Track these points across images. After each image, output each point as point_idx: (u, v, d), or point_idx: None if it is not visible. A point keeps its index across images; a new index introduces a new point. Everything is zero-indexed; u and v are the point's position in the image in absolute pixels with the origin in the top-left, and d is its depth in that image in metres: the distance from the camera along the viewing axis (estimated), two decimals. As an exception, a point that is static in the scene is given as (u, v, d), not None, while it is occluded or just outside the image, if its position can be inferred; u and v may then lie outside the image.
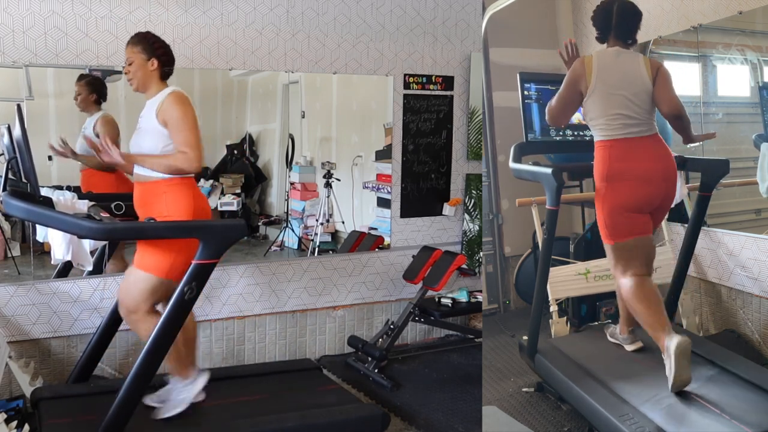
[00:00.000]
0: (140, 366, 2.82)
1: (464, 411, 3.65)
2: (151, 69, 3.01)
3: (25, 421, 3.15)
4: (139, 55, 3.00)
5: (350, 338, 4.42)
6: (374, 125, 4.76)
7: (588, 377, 3.03)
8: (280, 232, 4.65)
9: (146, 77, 3.02)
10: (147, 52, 3.00)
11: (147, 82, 3.02)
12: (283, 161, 4.66)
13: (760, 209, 3.80)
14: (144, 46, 3.01)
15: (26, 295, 3.64)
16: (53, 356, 3.75)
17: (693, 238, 3.43)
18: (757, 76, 3.80)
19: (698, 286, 4.05)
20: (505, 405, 3.41)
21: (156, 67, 3.01)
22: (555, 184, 3.11)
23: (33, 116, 3.60)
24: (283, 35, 4.16)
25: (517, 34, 4.89)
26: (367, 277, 4.62)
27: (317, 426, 3.11)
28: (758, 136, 3.69)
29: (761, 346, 3.63)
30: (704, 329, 3.97)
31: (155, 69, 3.01)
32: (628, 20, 3.01)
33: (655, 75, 2.99)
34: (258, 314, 4.27)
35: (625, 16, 3.00)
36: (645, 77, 2.97)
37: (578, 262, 3.96)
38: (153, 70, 3.01)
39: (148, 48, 3.01)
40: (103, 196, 3.55)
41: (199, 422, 3.09)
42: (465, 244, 4.92)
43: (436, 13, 4.61)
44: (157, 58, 3.01)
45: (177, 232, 2.88)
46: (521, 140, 3.63)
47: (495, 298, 4.92)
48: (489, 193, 4.87)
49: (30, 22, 3.54)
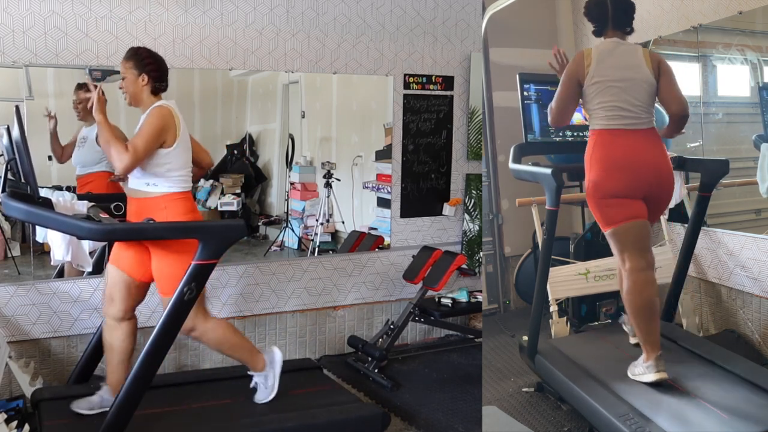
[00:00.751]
0: (140, 366, 2.82)
1: (464, 411, 3.65)
2: (141, 84, 3.00)
3: (25, 421, 3.16)
4: (130, 71, 3.00)
5: (350, 338, 4.42)
6: (374, 125, 4.76)
7: (588, 378, 3.03)
8: (280, 232, 4.65)
9: (138, 93, 3.02)
10: (138, 68, 3.00)
11: (138, 97, 3.02)
12: (283, 161, 4.66)
13: (760, 209, 3.80)
14: (135, 62, 3.00)
15: (26, 295, 3.65)
16: (53, 356, 3.75)
17: (693, 238, 3.43)
18: (757, 76, 3.80)
19: (698, 286, 4.05)
20: (505, 405, 3.41)
21: (146, 83, 3.00)
22: (555, 184, 3.11)
23: (33, 116, 3.60)
24: (283, 35, 4.16)
25: (517, 34, 4.89)
26: (367, 277, 4.62)
27: (318, 425, 3.12)
28: (758, 136, 3.68)
29: (761, 346, 3.63)
30: (704, 329, 3.97)
31: (146, 84, 3.01)
32: (623, 8, 2.98)
33: (657, 70, 2.96)
34: (258, 314, 4.27)
35: (619, 4, 2.98)
36: (645, 68, 2.94)
37: (578, 262, 3.96)
38: (144, 86, 3.01)
39: (138, 64, 3.00)
40: (102, 197, 3.55)
41: (200, 422, 3.10)
42: (465, 244, 4.92)
43: (436, 13, 4.61)
44: (147, 74, 3.00)
45: (176, 233, 2.88)
46: (521, 140, 3.62)
47: (495, 298, 4.92)
48: (489, 193, 4.87)
49: (30, 22, 3.54)
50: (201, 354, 4.08)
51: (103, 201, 3.46)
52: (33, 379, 3.47)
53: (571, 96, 3.02)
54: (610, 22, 2.98)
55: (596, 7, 3.01)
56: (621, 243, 2.95)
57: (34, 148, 3.43)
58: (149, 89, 3.02)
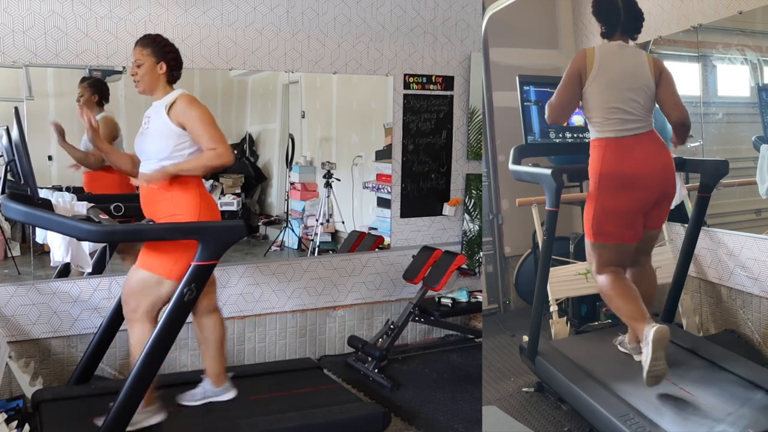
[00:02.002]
0: (140, 367, 2.82)
1: (464, 411, 3.66)
2: (159, 73, 2.96)
3: (25, 421, 3.16)
4: (148, 58, 2.95)
5: (350, 338, 4.42)
6: (374, 125, 4.76)
7: (589, 379, 3.03)
8: (280, 232, 4.65)
9: (154, 81, 2.97)
10: (157, 56, 2.95)
11: (154, 85, 2.98)
12: (283, 161, 4.66)
13: (760, 209, 3.80)
14: (154, 49, 2.96)
15: (26, 295, 3.65)
16: (53, 356, 3.75)
17: (693, 238, 3.43)
18: (757, 76, 3.80)
19: (698, 286, 4.05)
20: (505, 405, 3.41)
21: (164, 71, 2.97)
22: (555, 185, 3.11)
23: (33, 116, 3.61)
24: (283, 35, 4.16)
25: (517, 34, 4.89)
26: (367, 277, 4.62)
27: (318, 425, 3.12)
28: (758, 138, 3.68)
29: (761, 346, 3.63)
30: (704, 329, 3.97)
31: (164, 73, 2.97)
32: (635, 15, 3.00)
33: (658, 76, 2.98)
34: (258, 314, 4.27)
35: (632, 11, 2.99)
36: (647, 74, 2.95)
37: (578, 262, 3.96)
38: (161, 74, 2.97)
39: (158, 51, 2.96)
40: (102, 198, 3.55)
41: (201, 422, 3.10)
42: (465, 244, 4.92)
43: (436, 13, 4.61)
44: (167, 62, 2.97)
45: (175, 234, 2.87)
46: (521, 140, 3.62)
47: (495, 298, 4.92)
48: (489, 193, 4.87)
49: (30, 22, 3.54)
50: (201, 354, 4.07)
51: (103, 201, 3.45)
52: (33, 379, 3.47)
53: (572, 93, 3.01)
54: (620, 26, 2.99)
55: (608, 10, 3.00)
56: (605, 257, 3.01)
57: (35, 148, 3.43)
58: (166, 78, 2.99)
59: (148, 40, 2.99)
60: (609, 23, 3.01)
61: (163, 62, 2.96)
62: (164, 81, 2.99)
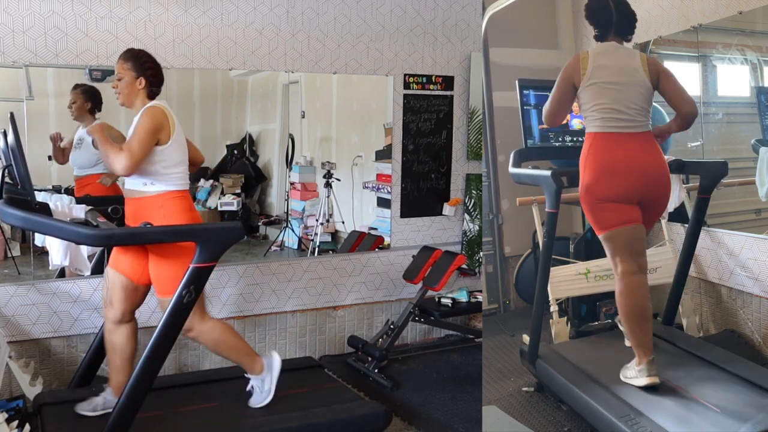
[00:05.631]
0: (141, 369, 2.82)
1: (464, 411, 3.66)
2: (138, 88, 3.00)
3: (26, 421, 3.16)
4: (129, 72, 2.98)
5: (350, 338, 4.42)
6: (374, 125, 4.76)
7: (590, 381, 3.03)
8: (280, 232, 4.65)
9: (132, 95, 3.00)
10: (137, 71, 2.98)
11: (133, 99, 3.01)
12: (283, 161, 4.66)
13: (760, 209, 3.80)
14: (134, 64, 2.99)
15: (26, 295, 3.65)
16: (53, 356, 3.75)
17: (693, 239, 3.43)
18: (757, 77, 3.80)
19: (698, 286, 4.05)
20: (505, 405, 3.41)
21: (144, 86, 3.00)
22: (554, 186, 3.11)
23: (33, 116, 3.61)
24: (283, 35, 4.16)
25: (517, 34, 4.89)
26: (367, 277, 4.62)
27: (320, 424, 3.12)
28: (757, 141, 3.68)
29: (761, 346, 3.63)
30: (704, 329, 3.98)
31: (143, 88, 3.00)
32: (627, 17, 3.00)
33: (655, 75, 2.97)
34: (258, 314, 4.27)
35: (624, 12, 2.99)
36: (641, 74, 2.95)
37: (578, 262, 3.95)
38: (140, 89, 3.00)
39: (138, 66, 2.99)
40: (101, 200, 3.55)
41: (202, 422, 3.10)
42: (465, 244, 4.92)
43: (436, 13, 4.61)
44: (146, 78, 2.99)
45: (174, 237, 2.88)
46: (521, 141, 3.63)
47: (495, 298, 4.92)
48: (489, 193, 4.87)
49: (30, 22, 3.54)
50: (202, 354, 4.08)
51: (102, 203, 3.46)
52: (33, 379, 3.47)
53: (564, 97, 3.03)
54: (613, 28, 2.99)
55: (600, 14, 3.01)
56: (614, 247, 2.97)
57: (34, 148, 3.44)
58: (145, 93, 3.01)
59: (129, 55, 3.02)
60: (601, 26, 3.02)
61: (142, 77, 2.99)
62: (143, 96, 3.02)
